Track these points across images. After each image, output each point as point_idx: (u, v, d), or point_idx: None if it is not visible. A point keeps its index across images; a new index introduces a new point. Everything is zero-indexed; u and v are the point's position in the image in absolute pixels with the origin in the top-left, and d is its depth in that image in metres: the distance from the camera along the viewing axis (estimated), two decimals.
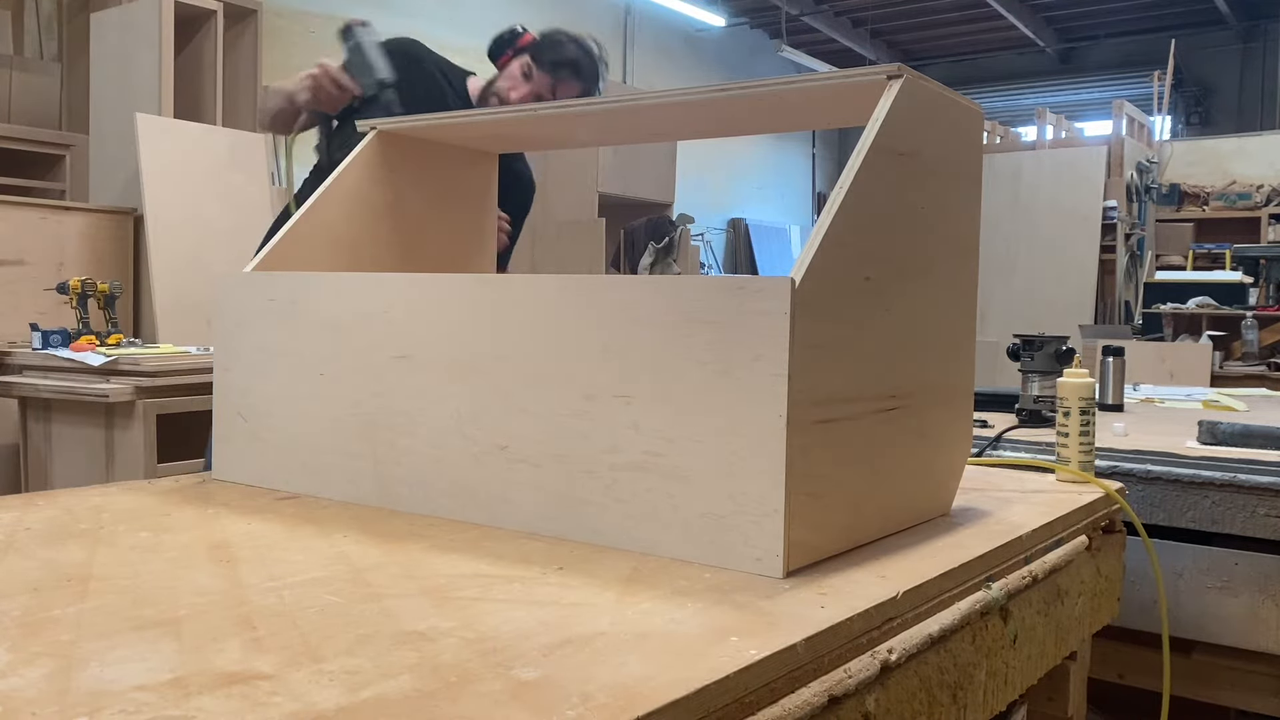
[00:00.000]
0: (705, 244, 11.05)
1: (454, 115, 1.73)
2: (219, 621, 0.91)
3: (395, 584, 1.04)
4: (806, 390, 1.10)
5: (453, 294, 1.35)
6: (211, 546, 1.18)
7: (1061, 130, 8.27)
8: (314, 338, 1.47)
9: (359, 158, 1.73)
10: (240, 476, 1.56)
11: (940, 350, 1.39)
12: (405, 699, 0.75)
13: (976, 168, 1.47)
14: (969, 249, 1.46)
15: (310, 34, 7.42)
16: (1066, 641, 1.45)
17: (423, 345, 1.36)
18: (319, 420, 1.46)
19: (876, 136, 1.21)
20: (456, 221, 1.91)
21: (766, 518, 1.09)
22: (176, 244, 4.15)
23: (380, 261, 1.75)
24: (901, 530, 1.32)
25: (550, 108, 1.67)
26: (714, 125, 1.72)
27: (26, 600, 0.96)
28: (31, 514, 1.32)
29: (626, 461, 1.19)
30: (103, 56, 4.52)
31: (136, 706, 0.73)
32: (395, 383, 1.39)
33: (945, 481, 1.44)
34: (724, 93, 1.43)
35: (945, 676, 1.10)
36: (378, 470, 1.40)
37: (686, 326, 1.15)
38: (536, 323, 1.26)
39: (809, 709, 0.87)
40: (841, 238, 1.16)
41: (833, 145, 14.16)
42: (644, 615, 0.95)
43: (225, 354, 1.59)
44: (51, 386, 3.20)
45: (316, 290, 1.48)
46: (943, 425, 1.40)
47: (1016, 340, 2.59)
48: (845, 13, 11.66)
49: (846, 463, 1.19)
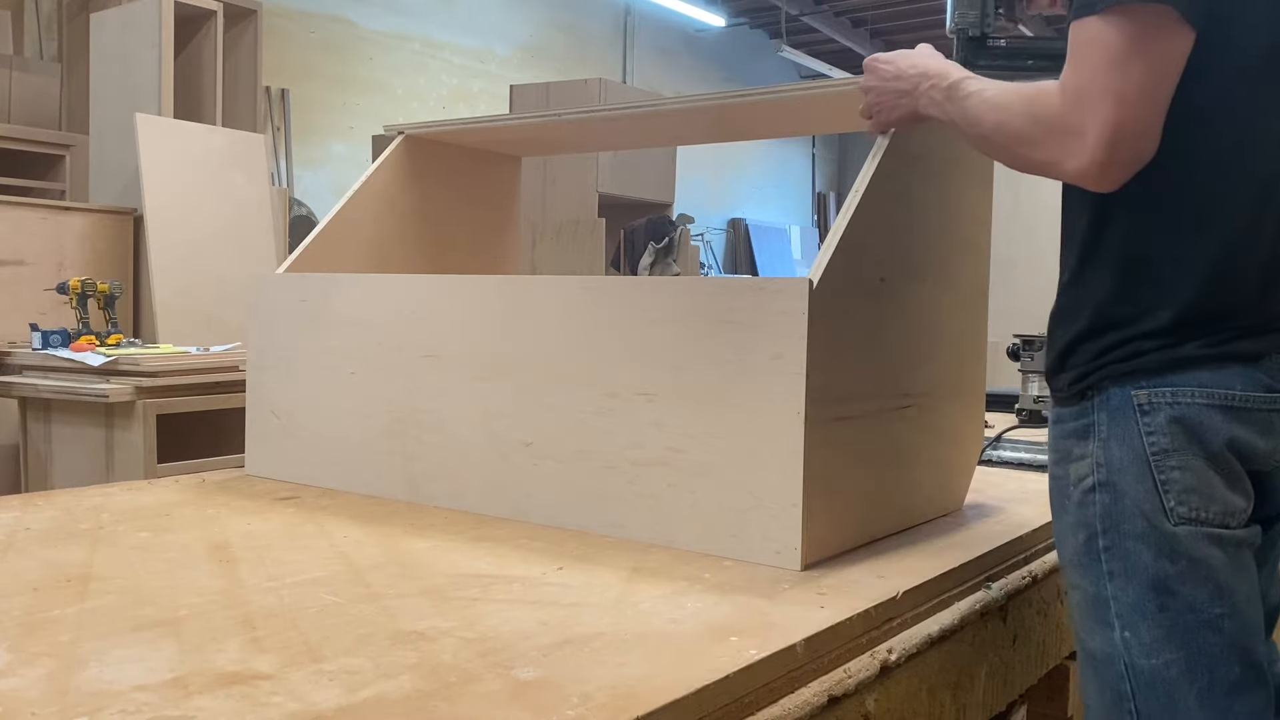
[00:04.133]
0: (705, 244, 11.05)
1: (478, 119, 1.77)
2: (219, 621, 0.91)
3: (395, 584, 1.04)
4: (824, 388, 1.13)
5: (480, 295, 1.38)
6: (211, 546, 1.18)
7: None
8: (345, 337, 1.50)
9: (387, 161, 1.76)
10: (272, 472, 1.59)
11: (952, 349, 1.41)
12: (405, 699, 0.75)
13: (988, 168, 1.49)
14: (981, 248, 1.48)
15: (310, 34, 7.43)
16: (1066, 641, 1.45)
17: (450, 345, 1.39)
18: (350, 417, 1.49)
19: (891, 140, 1.24)
20: (481, 223, 1.94)
21: (785, 512, 1.11)
22: (176, 244, 4.14)
23: (408, 262, 1.78)
24: (915, 525, 1.34)
25: (573, 113, 1.69)
26: (729, 130, 1.77)
27: (26, 600, 0.96)
28: (31, 514, 1.32)
29: (648, 457, 1.22)
30: (103, 56, 4.52)
31: (136, 706, 0.73)
32: (424, 381, 1.41)
33: (957, 478, 1.46)
34: (742, 98, 1.47)
35: (945, 676, 1.10)
36: (407, 466, 1.43)
37: (707, 326, 1.17)
38: (561, 323, 1.29)
39: (809, 709, 0.87)
40: (857, 239, 1.18)
41: (833, 146, 14.17)
42: (644, 615, 0.95)
43: (258, 353, 1.62)
44: (51, 386, 3.20)
45: (347, 291, 1.51)
46: (955, 423, 1.42)
47: (1016, 340, 2.59)
48: (845, 13, 11.66)
49: (862, 459, 1.22)
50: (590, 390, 1.26)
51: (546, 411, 1.30)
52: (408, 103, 8.10)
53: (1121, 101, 0.96)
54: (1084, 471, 1.05)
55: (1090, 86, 0.97)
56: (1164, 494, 1.00)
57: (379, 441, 1.46)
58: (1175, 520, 0.99)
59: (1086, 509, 1.04)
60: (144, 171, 4.10)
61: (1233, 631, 0.99)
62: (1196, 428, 1.00)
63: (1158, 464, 1.00)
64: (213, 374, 3.19)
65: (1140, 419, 1.01)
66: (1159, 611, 0.99)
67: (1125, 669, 1.02)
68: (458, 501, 1.38)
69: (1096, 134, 0.96)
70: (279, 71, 6.87)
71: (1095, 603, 1.04)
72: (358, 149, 7.09)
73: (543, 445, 1.31)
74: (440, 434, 1.40)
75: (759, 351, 1.13)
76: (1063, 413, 1.10)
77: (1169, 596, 0.99)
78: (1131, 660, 1.01)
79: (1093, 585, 1.04)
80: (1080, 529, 1.05)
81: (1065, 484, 1.08)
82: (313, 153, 7.23)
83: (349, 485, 1.49)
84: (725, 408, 1.16)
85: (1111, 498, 1.02)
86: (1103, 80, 0.96)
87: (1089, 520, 1.04)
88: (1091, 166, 0.98)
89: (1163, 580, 0.99)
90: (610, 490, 1.25)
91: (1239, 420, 1.00)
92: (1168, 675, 0.99)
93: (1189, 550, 0.99)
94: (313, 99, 7.32)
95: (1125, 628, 1.01)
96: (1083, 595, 1.06)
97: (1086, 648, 1.07)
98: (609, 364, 1.25)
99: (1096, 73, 0.97)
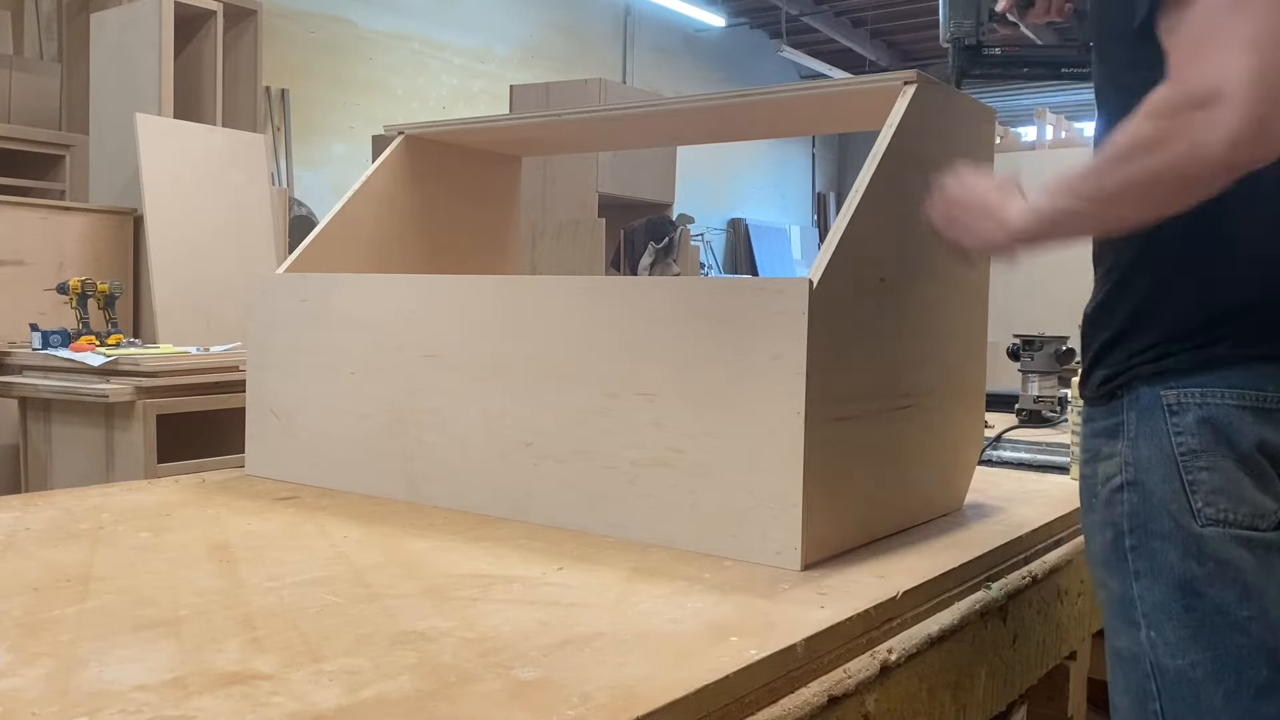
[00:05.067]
0: (705, 244, 11.05)
1: (478, 119, 1.77)
2: (219, 621, 0.91)
3: (395, 584, 1.04)
4: (824, 388, 1.13)
5: (480, 295, 1.38)
6: (211, 546, 1.18)
7: (1061, 130, 8.27)
8: (345, 337, 1.50)
9: (387, 161, 1.76)
10: (272, 472, 1.59)
11: (953, 349, 1.41)
12: (405, 699, 0.75)
13: (989, 167, 1.49)
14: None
15: (310, 34, 7.43)
16: (1066, 641, 1.45)
17: (451, 345, 1.39)
18: (350, 417, 1.49)
19: (892, 140, 1.24)
20: (481, 223, 1.95)
21: (785, 512, 1.11)
22: (176, 244, 4.14)
23: (408, 262, 1.79)
24: (914, 525, 1.34)
25: (573, 113, 1.69)
26: (730, 129, 1.76)
27: (26, 600, 0.96)
28: (31, 514, 1.32)
29: (648, 457, 1.22)
30: (103, 56, 4.52)
31: (136, 706, 0.73)
32: (424, 381, 1.42)
33: (957, 477, 1.46)
34: (744, 98, 1.46)
35: (945, 676, 1.10)
36: (407, 466, 1.43)
37: (707, 326, 1.17)
38: (561, 323, 1.29)
39: (809, 709, 0.87)
40: (857, 239, 1.18)
41: (833, 146, 14.17)
42: (644, 615, 0.95)
43: (258, 352, 1.62)
44: (51, 387, 3.20)
45: (347, 291, 1.52)
46: (955, 422, 1.42)
47: (1016, 340, 2.59)
48: (845, 13, 11.66)
49: (862, 459, 1.22)
50: (590, 390, 1.26)
51: (546, 411, 1.30)
52: (408, 103, 8.10)
53: (1256, 45, 0.80)
54: (1112, 470, 1.04)
55: (1209, 42, 0.82)
56: (1191, 495, 0.98)
57: (379, 441, 1.46)
58: (1203, 521, 0.98)
59: (1114, 508, 1.03)
60: (144, 171, 4.10)
61: (1260, 634, 0.98)
62: (1226, 429, 0.98)
63: (1186, 464, 0.99)
64: (213, 374, 3.19)
65: (1169, 419, 1.00)
66: (1185, 612, 0.98)
67: (1151, 668, 1.00)
68: (457, 501, 1.38)
69: (1238, 88, 0.80)
70: (279, 71, 6.87)
71: (1122, 602, 1.03)
72: (358, 149, 7.09)
73: (543, 445, 1.31)
74: (440, 434, 1.40)
75: (759, 351, 1.13)
76: (1093, 412, 1.08)
77: (1196, 598, 0.98)
78: (1157, 660, 1.00)
79: (1119, 585, 1.03)
80: (1107, 528, 1.04)
81: (1094, 483, 1.07)
82: (313, 153, 7.23)
83: (349, 485, 1.50)
84: (725, 408, 1.16)
85: (1139, 497, 1.01)
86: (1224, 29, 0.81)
87: (1116, 519, 1.03)
88: (1245, 126, 0.80)
89: (1189, 581, 0.98)
90: (610, 490, 1.25)
91: (1269, 422, 0.99)
92: (1194, 676, 0.98)
93: (1216, 552, 0.98)
94: (313, 99, 7.32)
95: (1151, 627, 1.00)
96: (1109, 594, 1.05)
97: (1114, 646, 1.06)
98: (609, 364, 1.25)
99: (1214, 24, 0.82)
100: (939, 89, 1.32)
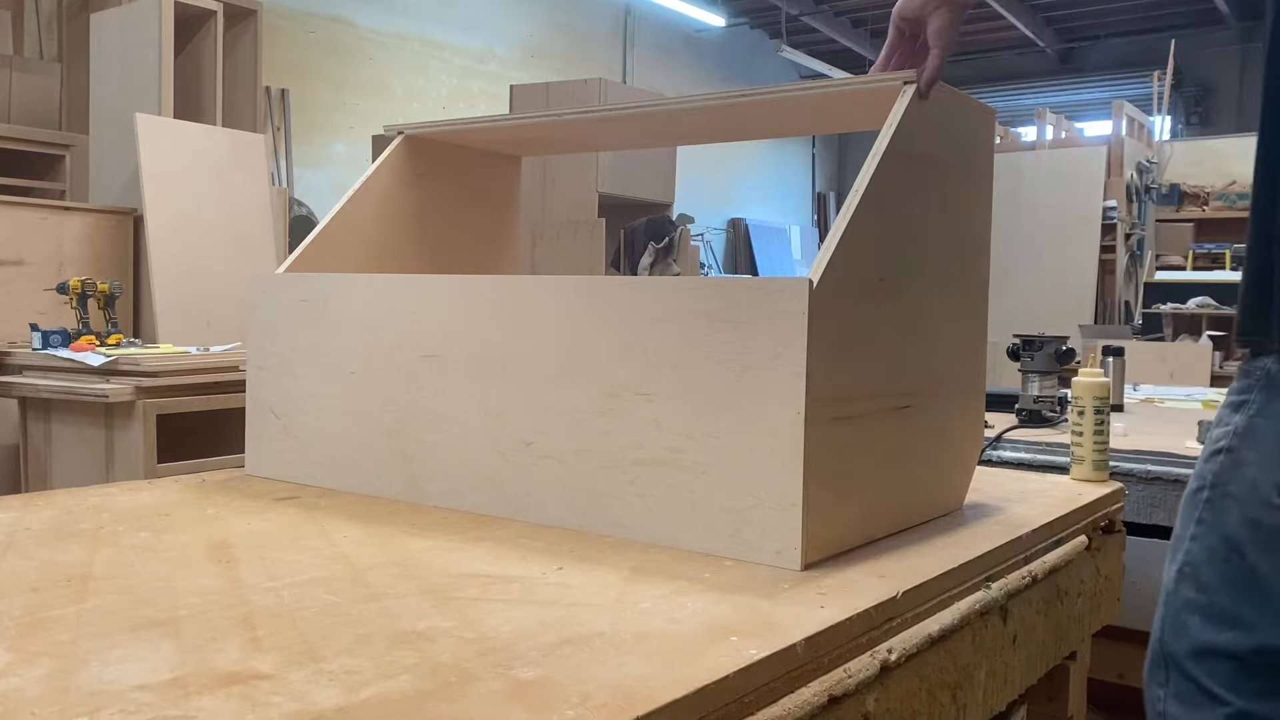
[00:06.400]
0: (705, 244, 11.06)
1: (478, 119, 1.77)
2: (219, 621, 0.91)
3: (395, 584, 1.04)
4: (824, 388, 1.13)
5: (479, 295, 1.38)
6: (211, 546, 1.18)
7: (1061, 130, 8.27)
8: (345, 337, 1.50)
9: (387, 161, 1.76)
10: (272, 472, 1.59)
11: (953, 349, 1.41)
12: (405, 699, 0.75)
13: (988, 167, 1.49)
14: (981, 248, 1.48)
15: (310, 34, 7.42)
16: (1066, 641, 1.45)
17: (450, 345, 1.39)
18: (350, 417, 1.49)
19: (891, 140, 1.23)
20: (482, 223, 1.94)
21: (785, 512, 1.11)
22: (176, 244, 4.14)
23: (408, 262, 1.79)
24: (914, 526, 1.34)
25: (573, 113, 1.69)
26: (730, 129, 1.76)
27: (26, 600, 0.96)
28: (31, 514, 1.32)
29: (648, 457, 1.22)
30: (103, 56, 4.52)
31: (136, 706, 0.73)
32: (423, 381, 1.42)
33: (957, 477, 1.46)
34: (745, 98, 1.46)
35: (945, 676, 1.10)
36: (407, 467, 1.43)
37: (707, 326, 1.17)
38: (561, 323, 1.29)
39: (809, 709, 0.87)
40: (857, 239, 1.18)
41: (833, 146, 14.17)
42: (643, 615, 0.95)
43: (258, 352, 1.62)
44: (51, 386, 3.20)
45: (347, 291, 1.51)
46: (955, 422, 1.42)
47: (1016, 340, 2.59)
48: (845, 13, 11.66)
49: (862, 459, 1.22)
50: (590, 390, 1.26)
51: (546, 411, 1.30)
52: (408, 103, 8.11)
53: None
54: (1220, 435, 1.06)
55: None
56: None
57: (379, 441, 1.46)
58: None
59: (1206, 464, 1.06)
60: (144, 171, 4.10)
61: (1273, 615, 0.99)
62: None
63: None
64: (213, 374, 3.19)
65: None
66: (1223, 563, 1.02)
67: (1165, 597, 1.06)
68: (457, 501, 1.38)
69: None
70: (279, 71, 6.87)
71: (1176, 542, 1.07)
72: (358, 149, 7.09)
73: (542, 445, 1.31)
74: (440, 434, 1.40)
75: (759, 351, 1.13)
76: (1233, 386, 1.10)
77: (1236, 555, 1.01)
78: (1176, 589, 1.05)
79: (1180, 527, 1.07)
80: (1195, 479, 1.07)
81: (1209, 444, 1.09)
82: (313, 153, 7.23)
83: (349, 485, 1.50)
84: (725, 408, 1.16)
85: (1231, 461, 1.03)
86: None
87: (1203, 473, 1.06)
88: None
89: (1237, 542, 1.01)
90: (610, 490, 1.25)
91: None
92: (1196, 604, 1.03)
93: (1277, 529, 0.99)
94: (313, 99, 7.33)
95: (1186, 563, 1.04)
96: (1173, 537, 1.09)
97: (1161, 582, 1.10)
98: (608, 364, 1.25)
99: None
100: (939, 89, 1.32)
